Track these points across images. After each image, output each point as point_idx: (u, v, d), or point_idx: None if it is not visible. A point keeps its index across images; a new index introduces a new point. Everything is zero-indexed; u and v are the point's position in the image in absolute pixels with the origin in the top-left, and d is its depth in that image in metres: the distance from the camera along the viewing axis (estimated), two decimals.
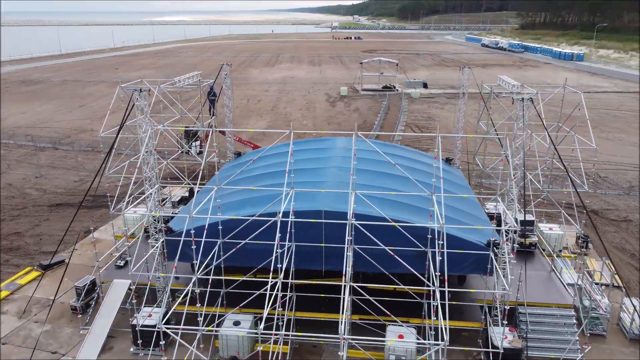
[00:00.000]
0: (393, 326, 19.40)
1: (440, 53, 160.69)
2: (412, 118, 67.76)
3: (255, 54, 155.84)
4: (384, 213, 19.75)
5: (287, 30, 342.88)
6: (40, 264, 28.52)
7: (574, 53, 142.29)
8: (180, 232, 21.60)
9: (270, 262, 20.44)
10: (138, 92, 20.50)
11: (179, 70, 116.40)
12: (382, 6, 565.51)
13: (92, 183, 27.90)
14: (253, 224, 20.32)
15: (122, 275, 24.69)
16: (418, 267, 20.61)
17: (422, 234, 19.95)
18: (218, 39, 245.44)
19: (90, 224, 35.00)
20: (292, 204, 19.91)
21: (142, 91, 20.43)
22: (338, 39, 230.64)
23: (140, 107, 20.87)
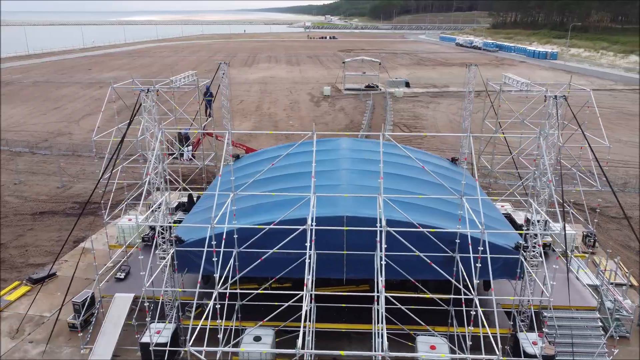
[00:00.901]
0: (423, 336, 18.46)
1: (417, 52, 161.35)
2: (398, 117, 67.23)
3: (231, 54, 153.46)
4: (411, 218, 18.81)
5: (260, 30, 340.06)
6: (29, 278, 26.64)
7: (547, 52, 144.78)
8: (190, 242, 20.29)
9: (289, 272, 19.36)
10: (145, 92, 19.01)
11: (156, 70, 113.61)
12: (353, 6, 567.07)
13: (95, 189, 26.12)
14: (271, 231, 19.10)
15: (124, 289, 23.14)
16: (445, 273, 19.81)
17: (450, 239, 19.11)
18: (191, 38, 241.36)
19: (79, 232, 33.19)
20: (312, 209, 18.76)
21: (149, 91, 18.96)
22: (313, 39, 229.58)
23: (148, 108, 19.37)
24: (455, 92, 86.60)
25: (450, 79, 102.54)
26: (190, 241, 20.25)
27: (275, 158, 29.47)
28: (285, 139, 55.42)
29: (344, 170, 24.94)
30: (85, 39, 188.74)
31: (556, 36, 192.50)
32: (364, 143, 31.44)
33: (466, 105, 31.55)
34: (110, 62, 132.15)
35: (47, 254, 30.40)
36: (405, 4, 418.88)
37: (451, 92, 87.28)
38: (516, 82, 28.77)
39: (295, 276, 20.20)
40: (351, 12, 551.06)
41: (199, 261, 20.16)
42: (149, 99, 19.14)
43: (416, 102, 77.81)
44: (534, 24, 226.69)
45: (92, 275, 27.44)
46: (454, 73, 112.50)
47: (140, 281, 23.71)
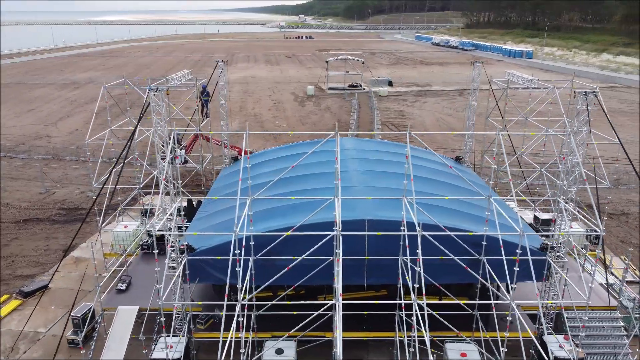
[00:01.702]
0: (452, 343, 17.72)
1: (395, 52, 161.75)
2: (385, 116, 66.74)
3: (208, 54, 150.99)
4: (436, 220, 18.07)
5: (234, 30, 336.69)
6: (20, 291, 24.97)
7: (523, 50, 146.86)
8: (203, 251, 19.14)
9: (309, 279, 18.41)
10: (154, 91, 17.75)
11: (132, 71, 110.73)
12: (327, 6, 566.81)
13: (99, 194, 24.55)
14: (289, 236, 18.10)
15: (126, 301, 21.79)
16: (469, 276, 19.15)
17: (476, 241, 18.44)
18: (165, 38, 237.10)
19: (67, 240, 31.50)
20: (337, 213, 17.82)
21: (158, 90, 17.70)
22: (289, 38, 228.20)
23: (157, 108, 18.11)
24: (438, 91, 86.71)
25: (431, 78, 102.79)
26: (202, 249, 19.07)
27: (279, 159, 28.59)
28: (274, 139, 54.26)
29: (353, 171, 24.07)
30: (55, 39, 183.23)
31: (529, 35, 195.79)
32: (368, 143, 30.67)
33: (471, 103, 31.00)
34: (83, 62, 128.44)
35: (35, 265, 28.70)
36: (379, 4, 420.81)
37: (434, 90, 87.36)
38: (522, 79, 28.28)
39: (314, 283, 19.28)
40: (325, 12, 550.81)
41: (212, 270, 19.13)
42: (158, 98, 17.87)
43: (401, 101, 77.52)
44: (507, 23, 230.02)
45: (87, 287, 25.99)
46: (434, 72, 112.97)
47: (143, 292, 22.47)
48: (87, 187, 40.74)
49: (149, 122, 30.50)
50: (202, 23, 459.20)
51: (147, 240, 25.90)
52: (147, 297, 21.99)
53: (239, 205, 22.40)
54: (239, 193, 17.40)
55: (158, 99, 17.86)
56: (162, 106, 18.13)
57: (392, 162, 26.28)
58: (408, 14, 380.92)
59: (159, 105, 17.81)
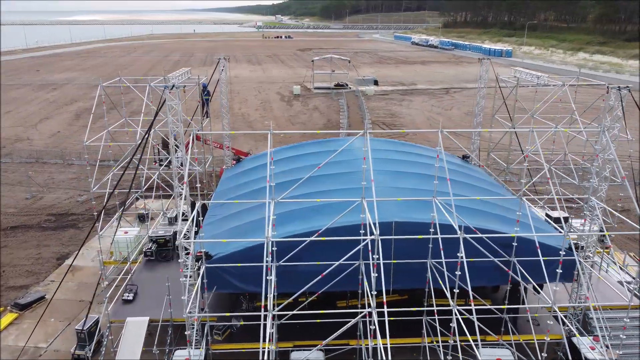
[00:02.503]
0: (486, 348, 17.07)
1: (376, 51, 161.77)
2: (375, 116, 66.23)
3: (187, 54, 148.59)
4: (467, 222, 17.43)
5: (210, 30, 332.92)
6: (15, 304, 23.47)
7: (503, 49, 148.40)
8: (222, 258, 18.10)
9: (335, 285, 17.55)
10: (169, 89, 16.63)
11: (110, 71, 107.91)
12: (304, 6, 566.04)
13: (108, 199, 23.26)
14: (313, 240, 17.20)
15: (135, 312, 20.57)
16: (497, 278, 18.61)
17: (507, 243, 17.85)
18: (141, 38, 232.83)
19: (60, 248, 30.03)
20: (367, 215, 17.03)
21: (174, 88, 16.59)
22: (268, 38, 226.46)
23: (172, 107, 16.99)
24: (424, 90, 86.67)
25: (415, 77, 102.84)
26: (221, 256, 18.01)
27: (288, 160, 27.63)
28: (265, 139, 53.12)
29: (367, 172, 23.21)
30: (27, 39, 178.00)
31: (506, 35, 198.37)
32: (379, 142, 29.97)
33: (479, 100, 30.52)
34: (59, 63, 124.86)
35: (28, 274, 27.14)
36: (356, 3, 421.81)
37: (420, 89, 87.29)
38: (531, 76, 27.91)
39: (339, 289, 18.44)
40: (302, 12, 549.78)
41: (231, 278, 18.12)
42: (175, 96, 16.76)
43: (388, 100, 77.16)
44: (484, 23, 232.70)
45: (86, 297, 24.60)
46: (417, 71, 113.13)
47: (152, 302, 21.29)
48: (75, 192, 39.12)
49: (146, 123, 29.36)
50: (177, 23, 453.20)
51: (150, 247, 24.66)
52: (156, 307, 20.86)
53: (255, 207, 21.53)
54: (266, 194, 16.36)
55: (174, 97, 16.76)
56: (178, 104, 17.03)
57: (407, 161, 25.63)
58: (385, 13, 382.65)
59: (175, 103, 16.72)
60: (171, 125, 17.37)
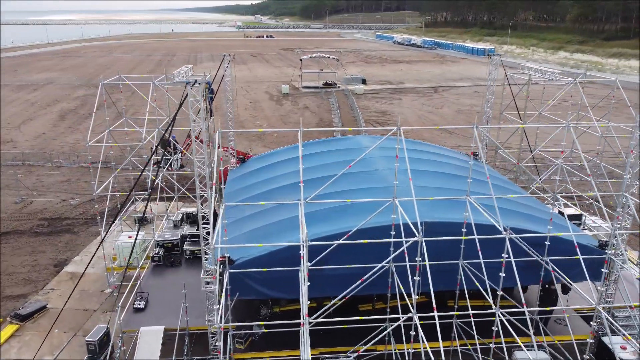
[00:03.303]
0: (522, 351, 16.54)
1: (360, 50, 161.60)
2: (366, 114, 65.73)
3: (169, 54, 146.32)
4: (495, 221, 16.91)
5: (189, 30, 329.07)
6: (16, 314, 22.18)
7: (485, 48, 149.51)
8: (242, 263, 17.23)
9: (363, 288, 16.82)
10: (191, 85, 15.70)
11: (91, 71, 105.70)
12: (283, 6, 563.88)
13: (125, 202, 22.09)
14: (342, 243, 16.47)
15: (148, 320, 19.55)
16: (528, 278, 18.14)
17: (539, 242, 17.38)
18: (120, 38, 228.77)
19: (57, 254, 28.71)
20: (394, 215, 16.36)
21: (196, 83, 15.67)
22: (250, 38, 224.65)
23: (195, 104, 16.06)
24: (413, 89, 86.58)
25: (402, 75, 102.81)
26: (242, 261, 17.13)
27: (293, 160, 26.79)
28: (258, 139, 52.25)
29: (386, 170, 22.62)
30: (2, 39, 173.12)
31: (487, 34, 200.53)
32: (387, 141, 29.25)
33: (488, 97, 30.12)
34: (37, 63, 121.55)
35: (25, 283, 25.80)
36: (336, 3, 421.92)
37: (409, 88, 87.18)
38: (542, 72, 27.62)
39: (366, 293, 17.74)
40: (282, 12, 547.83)
41: (255, 284, 17.27)
42: (198, 93, 15.84)
43: (379, 99, 76.79)
44: (464, 22, 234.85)
45: (90, 305, 23.55)
46: (404, 70, 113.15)
47: (165, 310, 20.30)
48: (67, 195, 37.66)
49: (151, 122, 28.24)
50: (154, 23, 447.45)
51: (157, 252, 23.61)
52: (169, 315, 19.91)
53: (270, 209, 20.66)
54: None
55: (197, 93, 15.85)
56: (200, 101, 16.11)
57: (420, 159, 25.04)
58: (365, 13, 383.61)
59: (197, 100, 15.80)
60: (193, 123, 16.42)
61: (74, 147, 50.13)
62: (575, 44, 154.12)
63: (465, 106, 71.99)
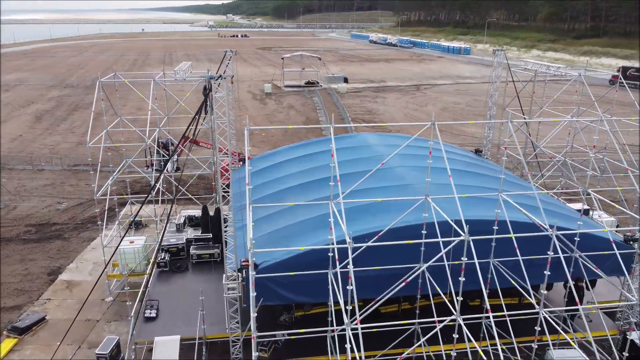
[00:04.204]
0: (556, 350, 16.18)
1: (337, 49, 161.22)
2: (352, 113, 65.22)
3: (143, 53, 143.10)
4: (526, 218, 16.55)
5: (160, 29, 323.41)
6: (13, 327, 20.79)
7: (461, 47, 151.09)
8: (266, 267, 16.39)
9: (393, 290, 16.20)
10: (215, 79, 14.78)
11: (64, 71, 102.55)
12: (255, 5, 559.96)
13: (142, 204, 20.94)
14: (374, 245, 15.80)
15: (161, 330, 18.53)
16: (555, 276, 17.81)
17: (570, 238, 17.07)
18: (90, 37, 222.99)
19: (49, 262, 27.25)
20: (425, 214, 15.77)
21: (220, 78, 14.75)
22: (225, 37, 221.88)
23: (219, 100, 15.14)
24: (395, 87, 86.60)
25: (382, 74, 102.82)
26: (266, 265, 16.28)
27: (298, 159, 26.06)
28: None
29: (400, 168, 22.10)
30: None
31: (461, 33, 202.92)
32: (391, 138, 28.80)
33: (492, 93, 29.87)
34: (6, 63, 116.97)
35: (18, 293, 24.32)
36: (309, 3, 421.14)
37: (391, 86, 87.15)
38: (548, 67, 27.51)
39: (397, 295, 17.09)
40: (253, 12, 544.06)
41: (279, 289, 16.44)
42: (223, 88, 14.93)
43: (362, 98, 76.45)
44: (438, 22, 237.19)
45: (92, 315, 22.30)
46: (383, 69, 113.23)
47: (177, 318, 19.33)
48: (53, 199, 35.98)
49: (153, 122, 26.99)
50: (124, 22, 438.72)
51: (163, 257, 22.51)
52: (183, 323, 18.95)
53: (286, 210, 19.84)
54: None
55: (222, 89, 14.95)
56: (225, 96, 15.21)
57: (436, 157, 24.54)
58: (337, 13, 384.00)
59: (221, 96, 14.90)
60: (218, 120, 15.52)
61: (54, 149, 48.15)
62: (547, 43, 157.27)
63: (449, 104, 72.24)
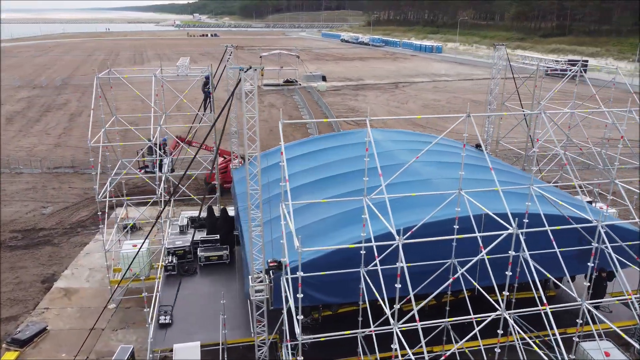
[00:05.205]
0: (588, 342, 16.13)
1: (310, 48, 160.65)
2: (335, 111, 64.90)
3: (112, 53, 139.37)
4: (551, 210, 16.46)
5: (125, 29, 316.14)
6: (13, 339, 19.55)
7: (433, 45, 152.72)
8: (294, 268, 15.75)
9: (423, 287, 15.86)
10: (244, 71, 14.06)
11: (30, 71, 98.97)
12: (222, 5, 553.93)
13: None
14: None
15: (178, 337, 17.70)
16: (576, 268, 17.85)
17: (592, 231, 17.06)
18: (53, 37, 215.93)
19: (42, 269, 25.92)
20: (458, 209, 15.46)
21: (250, 69, 14.05)
22: (194, 36, 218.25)
23: (248, 93, 14.41)
24: (374, 85, 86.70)
25: (359, 72, 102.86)
26: (295, 266, 15.64)
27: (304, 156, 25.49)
28: None
29: (414, 164, 21.66)
30: None
31: (431, 32, 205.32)
32: (396, 134, 28.54)
33: (492, 87, 29.88)
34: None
35: (12, 303, 22.98)
36: (277, 3, 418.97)
37: (370, 84, 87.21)
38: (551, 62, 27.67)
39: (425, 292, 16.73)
40: (220, 11, 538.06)
41: (308, 289, 15.84)
42: (252, 80, 14.22)
43: (343, 96, 76.19)
44: (407, 21, 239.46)
45: (97, 324, 21.08)
46: (359, 67, 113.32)
47: (192, 323, 18.51)
48: (36, 204, 34.36)
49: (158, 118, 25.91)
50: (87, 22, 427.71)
51: (171, 261, 21.59)
52: (199, 329, 18.19)
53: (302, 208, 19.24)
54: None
55: (252, 80, 14.25)
56: (255, 89, 14.52)
57: (438, 151, 24.38)
58: (306, 12, 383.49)
59: (249, 89, 14.20)
60: (247, 114, 14.82)
61: (31, 152, 46.13)
62: (516, 41, 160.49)
63: (429, 101, 72.73)
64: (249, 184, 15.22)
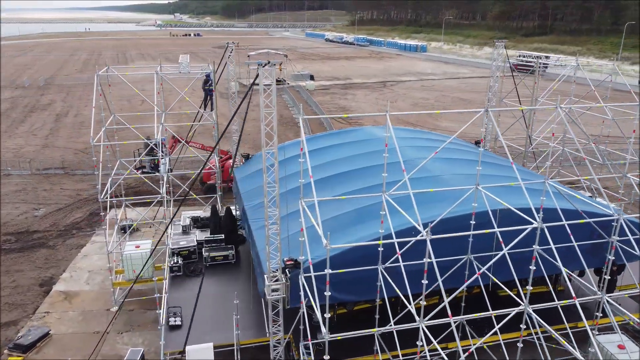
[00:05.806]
0: (602, 336, 16.21)
1: (295, 48, 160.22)
2: (325, 109, 64.84)
3: (94, 52, 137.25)
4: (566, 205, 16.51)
5: (106, 29, 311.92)
6: (16, 345, 18.96)
7: (418, 45, 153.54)
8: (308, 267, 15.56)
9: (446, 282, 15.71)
10: (262, 66, 13.79)
11: (12, 71, 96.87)
12: (203, 4, 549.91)
13: None
14: None
15: (189, 338, 17.29)
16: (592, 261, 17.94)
17: (605, 225, 17.17)
18: (33, 37, 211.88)
19: (39, 272, 25.27)
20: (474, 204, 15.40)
21: (269, 64, 13.78)
22: (177, 36, 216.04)
23: (267, 89, 14.16)
24: (362, 84, 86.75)
25: (346, 71, 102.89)
26: (312, 263, 15.44)
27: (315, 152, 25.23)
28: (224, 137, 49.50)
29: (419, 160, 21.56)
30: None
31: (414, 32, 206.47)
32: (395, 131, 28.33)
33: (492, 84, 29.97)
34: None
35: (11, 307, 22.34)
36: (260, 2, 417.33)
37: (358, 83, 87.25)
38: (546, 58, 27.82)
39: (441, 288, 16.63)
40: (202, 11, 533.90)
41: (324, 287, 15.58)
42: (271, 75, 13.96)
43: (332, 95, 76.09)
44: (390, 20, 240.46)
45: (99, 327, 20.70)
46: (345, 66, 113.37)
47: (203, 324, 18.15)
48: (27, 205, 33.53)
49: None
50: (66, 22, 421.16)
51: (176, 261, 21.18)
52: (211, 330, 17.86)
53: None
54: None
55: (270, 75, 14.00)
56: (273, 84, 14.26)
57: (454, 149, 24.43)
58: (289, 12, 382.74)
59: (267, 85, 13.95)
60: (265, 110, 14.55)
61: (18, 153, 45.05)
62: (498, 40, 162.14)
63: (418, 99, 73.00)
64: (266, 180, 14.91)
